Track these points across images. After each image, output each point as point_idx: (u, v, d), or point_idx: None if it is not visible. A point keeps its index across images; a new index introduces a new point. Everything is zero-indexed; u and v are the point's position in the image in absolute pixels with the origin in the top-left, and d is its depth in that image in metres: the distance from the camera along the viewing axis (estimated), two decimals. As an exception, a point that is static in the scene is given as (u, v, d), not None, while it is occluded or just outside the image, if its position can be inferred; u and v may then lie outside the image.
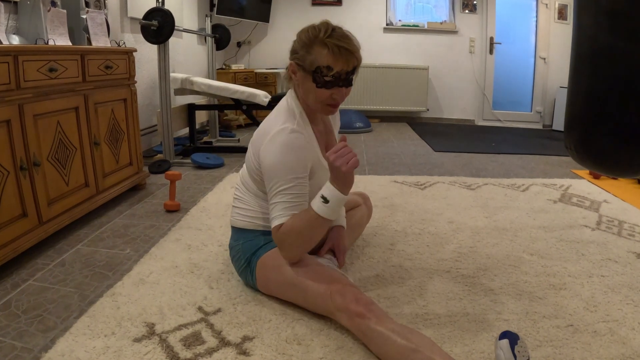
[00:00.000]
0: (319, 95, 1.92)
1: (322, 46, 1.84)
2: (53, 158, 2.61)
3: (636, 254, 2.65)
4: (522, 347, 1.40)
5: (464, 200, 3.63)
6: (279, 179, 1.85)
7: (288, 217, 1.85)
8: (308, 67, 1.88)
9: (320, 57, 1.85)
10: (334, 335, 1.84)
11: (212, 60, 5.94)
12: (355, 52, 1.88)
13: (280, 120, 1.94)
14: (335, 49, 1.82)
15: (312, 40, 1.87)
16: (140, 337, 1.78)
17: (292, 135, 1.88)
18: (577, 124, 1.96)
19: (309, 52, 1.87)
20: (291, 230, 1.84)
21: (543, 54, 7.84)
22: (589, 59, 1.88)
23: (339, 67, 1.85)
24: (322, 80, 1.87)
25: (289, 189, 1.85)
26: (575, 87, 1.97)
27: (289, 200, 1.86)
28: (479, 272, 2.42)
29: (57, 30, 2.94)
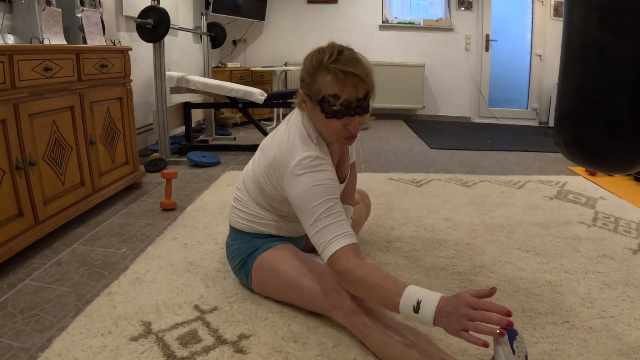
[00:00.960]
0: (330, 126, 1.79)
1: (327, 72, 1.72)
2: (49, 157, 2.61)
3: (632, 251, 2.66)
4: (521, 342, 1.40)
5: (459, 197, 3.64)
6: (315, 206, 1.72)
7: (342, 239, 1.69)
8: (315, 97, 1.77)
9: (326, 85, 1.72)
10: (331, 332, 1.85)
11: (207, 59, 5.94)
12: (364, 77, 1.72)
13: (298, 147, 1.81)
14: (341, 75, 1.69)
15: (317, 66, 1.74)
16: (136, 336, 1.78)
17: (316, 162, 1.78)
18: (567, 120, 1.97)
19: (314, 80, 1.76)
20: (360, 282, 1.64)
21: (539, 51, 7.85)
22: (579, 54, 1.88)
23: (346, 94, 1.71)
24: (331, 110, 1.74)
25: (328, 210, 1.72)
26: (565, 83, 1.98)
27: (335, 221, 1.72)
28: (474, 269, 2.43)
29: (52, 30, 2.94)
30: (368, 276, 1.62)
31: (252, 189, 2.06)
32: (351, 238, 1.71)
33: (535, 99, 8.04)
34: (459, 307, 1.41)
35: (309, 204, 1.73)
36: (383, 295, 1.58)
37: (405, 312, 1.51)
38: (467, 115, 8.27)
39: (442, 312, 1.44)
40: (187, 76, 4.91)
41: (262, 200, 2.03)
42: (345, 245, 1.68)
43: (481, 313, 1.38)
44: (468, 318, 1.38)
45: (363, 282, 1.62)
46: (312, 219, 1.72)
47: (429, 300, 1.48)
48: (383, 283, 1.59)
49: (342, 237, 1.69)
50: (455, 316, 1.40)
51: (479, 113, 8.22)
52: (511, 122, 8.05)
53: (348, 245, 1.68)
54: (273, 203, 2.01)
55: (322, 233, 1.71)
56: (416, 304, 1.48)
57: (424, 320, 1.47)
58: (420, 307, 1.48)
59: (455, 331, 1.40)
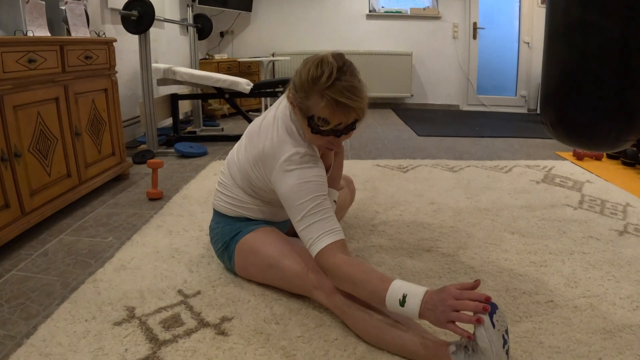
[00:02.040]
0: (314, 139, 1.81)
1: (320, 97, 1.67)
2: (34, 149, 2.61)
3: (618, 232, 2.69)
4: (501, 316, 1.42)
5: (446, 182, 3.66)
6: (303, 203, 1.73)
7: (330, 236, 1.71)
8: (304, 112, 1.75)
9: (317, 108, 1.70)
10: (312, 314, 1.87)
11: (194, 50, 5.93)
12: (357, 108, 1.70)
13: (287, 142, 1.82)
14: (334, 104, 1.66)
15: (311, 85, 1.69)
16: (120, 320, 1.80)
17: (305, 158, 1.79)
18: (552, 99, 1.99)
19: (306, 97, 1.72)
20: (347, 277, 1.66)
21: (527, 38, 7.86)
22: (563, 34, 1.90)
23: (336, 121, 1.71)
24: (318, 129, 1.74)
25: (317, 207, 1.74)
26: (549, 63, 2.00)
27: (322, 217, 1.73)
28: (459, 251, 2.45)
29: (36, 22, 2.94)
30: (355, 272, 1.64)
31: (237, 175, 2.06)
32: (338, 234, 1.73)
33: (524, 86, 8.05)
34: (444, 300, 1.45)
35: (297, 201, 1.75)
36: (369, 290, 1.60)
37: (392, 305, 1.54)
38: (456, 103, 8.28)
39: (428, 306, 1.48)
40: (174, 68, 4.91)
41: (248, 187, 2.04)
42: (332, 242, 1.70)
43: (462, 302, 1.43)
44: (452, 309, 1.42)
45: (350, 277, 1.65)
46: (300, 215, 1.74)
47: (414, 294, 1.51)
48: (369, 278, 1.62)
49: (329, 234, 1.71)
50: (440, 309, 1.44)
51: (468, 101, 8.23)
52: (500, 110, 8.06)
53: (335, 242, 1.71)
54: (259, 191, 2.02)
55: (310, 229, 1.73)
56: (402, 297, 1.52)
57: (410, 313, 1.51)
58: (406, 301, 1.51)
59: (442, 323, 1.44)
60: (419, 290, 1.52)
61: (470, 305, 1.41)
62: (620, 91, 1.78)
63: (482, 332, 1.39)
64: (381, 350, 1.65)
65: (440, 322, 1.44)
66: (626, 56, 1.74)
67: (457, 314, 1.41)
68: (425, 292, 1.51)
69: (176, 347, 1.66)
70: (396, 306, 1.53)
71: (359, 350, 1.65)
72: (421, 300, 1.49)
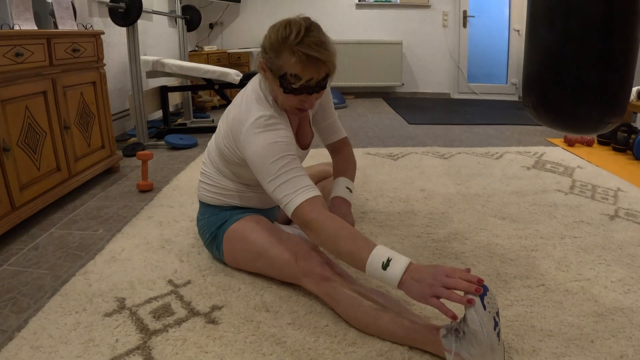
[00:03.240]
0: (286, 99, 1.79)
1: (291, 53, 1.68)
2: (23, 143, 2.60)
3: (609, 216, 2.70)
4: (492, 298, 1.42)
5: (436, 169, 3.66)
6: (273, 162, 1.71)
7: (307, 191, 1.69)
8: (276, 72, 1.74)
9: (288, 65, 1.70)
10: (303, 301, 1.87)
11: (183, 42, 5.91)
12: (327, 61, 1.71)
13: (254, 107, 1.82)
14: (304, 58, 1.67)
15: (281, 44, 1.70)
16: (111, 311, 1.81)
17: (271, 120, 1.78)
18: (534, 83, 2.00)
19: (277, 57, 1.72)
20: (330, 234, 1.62)
21: (517, 26, 7.85)
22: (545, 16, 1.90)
23: (307, 76, 1.71)
24: (290, 88, 1.74)
25: (287, 165, 1.71)
26: (531, 46, 2.00)
27: (296, 175, 1.71)
28: (449, 237, 2.46)
29: (22, 16, 2.92)
30: (338, 229, 1.61)
31: (214, 158, 2.07)
32: (316, 191, 1.71)
33: (514, 74, 8.04)
34: (436, 274, 1.43)
35: (266, 161, 1.72)
36: (352, 250, 1.57)
37: (373, 267, 1.51)
38: (446, 91, 8.27)
39: (413, 275, 1.45)
40: (163, 60, 4.89)
41: (225, 168, 2.04)
42: (312, 196, 1.68)
43: (454, 280, 1.41)
44: (442, 284, 1.40)
45: (333, 232, 1.61)
46: (272, 175, 1.71)
47: (399, 260, 1.49)
48: (354, 237, 1.60)
49: (307, 190, 1.69)
50: (429, 281, 1.42)
51: (458, 89, 8.23)
52: (490, 97, 8.06)
53: (315, 197, 1.69)
54: (234, 169, 2.01)
55: (284, 187, 1.70)
56: (386, 260, 1.50)
57: (390, 278, 1.48)
58: (390, 265, 1.48)
59: (426, 297, 1.41)
60: (404, 259, 1.50)
61: (462, 284, 1.40)
62: (601, 73, 1.79)
63: (473, 314, 1.39)
64: (372, 336, 1.66)
65: (424, 295, 1.41)
66: (607, 37, 1.75)
67: (446, 291, 1.39)
68: (410, 262, 1.50)
69: (166, 336, 1.66)
70: (377, 269, 1.50)
71: (350, 337, 1.66)
72: (405, 268, 1.48)
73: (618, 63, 1.78)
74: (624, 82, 1.84)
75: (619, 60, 1.77)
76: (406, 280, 1.46)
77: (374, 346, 1.61)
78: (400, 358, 1.55)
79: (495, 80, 8.20)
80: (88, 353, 1.57)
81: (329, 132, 2.27)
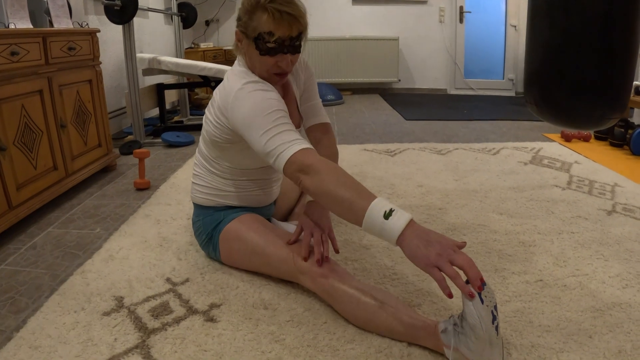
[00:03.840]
0: (263, 63, 1.80)
1: (263, 11, 1.72)
2: (19, 142, 2.59)
3: (607, 212, 2.70)
4: (489, 292, 1.42)
5: (433, 164, 3.67)
6: (265, 116, 1.68)
7: (300, 143, 1.64)
8: (251, 34, 1.78)
9: (262, 23, 1.73)
10: (301, 298, 1.87)
11: (179, 40, 5.90)
12: (299, 17, 1.75)
13: (238, 78, 1.82)
14: (277, 14, 1.71)
15: (254, 5, 1.75)
16: (109, 310, 1.80)
17: (259, 85, 1.79)
18: (536, 79, 2.00)
19: (251, 19, 1.76)
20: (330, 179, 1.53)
21: (514, 21, 7.85)
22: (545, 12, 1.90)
23: (280, 32, 1.73)
24: (265, 47, 1.76)
25: (280, 119, 1.69)
26: (532, 42, 2.00)
27: (290, 129, 1.68)
28: (447, 232, 2.46)
29: (17, 14, 2.91)
30: (340, 175, 1.55)
31: (205, 155, 2.06)
32: (310, 145, 1.67)
33: (511, 70, 8.05)
34: (445, 245, 1.36)
35: (257, 117, 1.68)
36: (351, 197, 1.48)
37: (372, 217, 1.42)
38: (443, 87, 8.27)
39: (420, 235, 1.38)
40: (159, 57, 4.88)
41: (215, 162, 2.03)
42: (308, 147, 1.64)
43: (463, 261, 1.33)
44: (450, 259, 1.33)
45: (332, 179, 1.53)
46: (264, 127, 1.66)
47: (401, 214, 1.41)
48: (355, 185, 1.52)
49: (301, 141, 1.65)
50: (437, 248, 1.35)
51: (455, 85, 8.23)
52: (487, 93, 8.07)
53: (310, 148, 1.64)
54: (226, 155, 1.99)
55: (278, 137, 1.65)
56: (388, 210, 1.41)
57: (391, 229, 1.39)
58: (392, 215, 1.40)
59: (429, 263, 1.34)
60: (406, 214, 1.42)
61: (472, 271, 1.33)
62: (602, 69, 1.79)
63: (471, 308, 1.38)
64: (370, 332, 1.66)
65: (429, 261, 1.34)
66: (608, 33, 1.75)
67: (453, 270, 1.32)
68: (412, 218, 1.42)
69: (165, 335, 1.66)
70: (377, 218, 1.41)
71: (348, 333, 1.66)
72: (408, 222, 1.39)
73: (619, 59, 1.78)
74: (625, 78, 1.84)
75: (620, 56, 1.77)
76: (408, 236, 1.38)
77: (373, 343, 1.61)
78: (399, 354, 1.55)
79: (492, 76, 8.20)
80: (87, 352, 1.57)
81: (311, 114, 2.22)
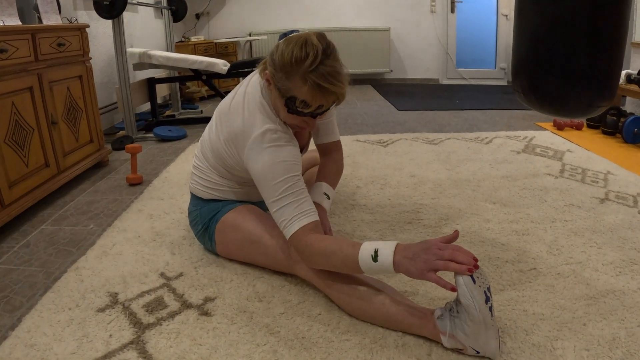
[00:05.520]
0: (288, 118, 1.77)
1: (304, 81, 1.62)
2: (10, 140, 2.57)
3: (599, 199, 2.72)
4: (482, 274, 1.43)
5: (426, 154, 3.67)
6: (277, 184, 1.71)
7: (304, 218, 1.70)
8: (283, 92, 1.69)
9: (298, 91, 1.65)
10: (295, 290, 1.88)
11: (170, 33, 5.87)
12: (339, 93, 1.68)
13: (259, 118, 1.78)
14: (316, 88, 1.62)
15: (294, 67, 1.63)
16: (103, 307, 1.80)
17: (278, 135, 1.76)
18: (524, 67, 1.99)
19: (287, 78, 1.66)
20: (319, 252, 1.66)
21: (505, 11, 7.85)
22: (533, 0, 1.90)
23: (316, 104, 1.67)
24: (295, 110, 1.70)
25: (290, 188, 1.72)
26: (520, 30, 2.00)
27: (296, 199, 1.72)
28: (440, 222, 2.47)
29: (6, 11, 2.89)
30: (326, 244, 1.65)
31: (210, 158, 2.04)
32: (312, 216, 1.72)
33: (503, 59, 8.07)
34: (428, 249, 1.45)
35: (270, 181, 1.72)
36: (342, 258, 1.60)
37: (366, 264, 1.53)
38: (435, 77, 8.27)
39: (406, 254, 1.47)
40: (149, 51, 4.86)
41: (223, 169, 2.02)
42: (305, 224, 1.69)
43: (449, 252, 1.43)
44: (438, 257, 1.42)
45: (322, 250, 1.64)
46: (274, 196, 1.72)
47: (385, 247, 1.52)
48: (340, 247, 1.62)
49: (303, 216, 1.70)
50: (423, 257, 1.43)
51: (447, 74, 8.23)
52: (479, 82, 8.07)
53: (309, 224, 1.70)
54: (233, 171, 2.00)
55: (283, 211, 1.71)
56: (374, 252, 1.52)
57: (384, 266, 1.50)
58: (378, 255, 1.51)
59: (423, 272, 1.42)
60: (390, 244, 1.53)
61: (460, 256, 1.42)
62: (591, 57, 1.79)
63: (464, 288, 1.40)
64: (365, 322, 1.66)
65: (421, 271, 1.42)
66: (596, 21, 1.74)
67: (442, 263, 1.41)
68: (397, 244, 1.52)
69: (160, 330, 1.66)
70: (370, 263, 1.53)
71: (343, 324, 1.67)
72: (393, 251, 1.50)
73: (607, 47, 1.77)
74: (614, 66, 1.84)
75: (608, 43, 1.77)
76: (399, 261, 1.48)
77: (368, 333, 1.62)
78: (394, 344, 1.56)
79: (483, 65, 8.21)
80: (82, 349, 1.57)
81: (324, 132, 2.24)
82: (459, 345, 1.47)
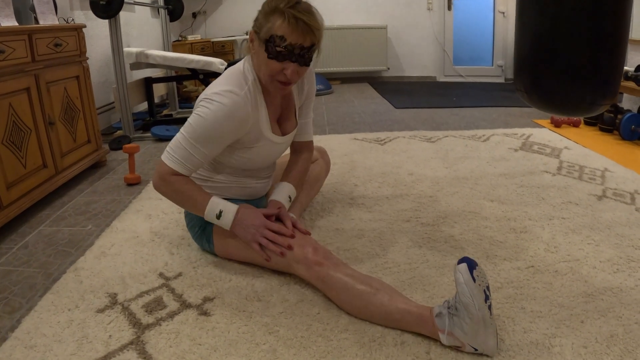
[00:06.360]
0: (269, 66, 1.80)
1: (280, 15, 1.73)
2: (8, 141, 2.57)
3: (597, 197, 2.72)
4: (481, 272, 1.44)
5: (423, 152, 3.67)
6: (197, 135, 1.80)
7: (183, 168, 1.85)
8: (263, 36, 1.77)
9: (276, 26, 1.74)
10: (294, 289, 1.88)
11: (166, 33, 5.86)
12: (314, 28, 1.77)
13: (229, 81, 1.85)
14: (292, 20, 1.72)
15: (273, 8, 1.76)
16: (103, 307, 1.80)
17: (237, 99, 1.80)
18: (526, 65, 2.00)
19: (266, 20, 1.77)
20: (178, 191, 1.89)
21: (502, 8, 7.84)
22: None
23: (293, 39, 1.74)
24: (274, 51, 1.76)
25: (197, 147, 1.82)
26: (522, 29, 2.00)
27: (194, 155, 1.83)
28: (438, 220, 2.47)
29: (2, 12, 2.89)
30: (186, 190, 1.90)
31: None
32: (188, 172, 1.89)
33: (500, 56, 8.05)
34: (259, 226, 1.88)
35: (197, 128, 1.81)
36: (193, 204, 1.92)
37: (210, 218, 1.91)
38: (432, 74, 8.27)
39: (242, 223, 1.90)
40: (146, 51, 4.85)
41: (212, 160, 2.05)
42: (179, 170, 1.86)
43: (271, 236, 1.85)
44: (262, 235, 1.86)
45: (181, 191, 1.90)
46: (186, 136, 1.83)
47: (228, 212, 1.90)
48: (196, 195, 1.91)
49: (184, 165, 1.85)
50: (251, 231, 1.88)
51: (444, 72, 8.22)
52: (477, 80, 8.06)
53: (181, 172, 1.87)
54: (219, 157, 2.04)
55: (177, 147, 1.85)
56: (219, 212, 1.90)
57: (224, 225, 1.91)
58: (222, 217, 1.90)
59: (249, 242, 1.89)
60: (233, 208, 1.91)
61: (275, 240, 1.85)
62: (593, 55, 1.79)
63: (464, 286, 1.42)
64: (364, 321, 1.67)
65: (248, 241, 1.89)
66: (598, 19, 1.75)
67: (265, 241, 1.85)
68: (237, 210, 1.91)
69: (159, 330, 1.67)
70: (213, 219, 1.91)
71: (342, 323, 1.67)
72: (234, 216, 1.90)
73: (609, 44, 1.78)
74: (616, 64, 1.84)
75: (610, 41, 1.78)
76: (234, 227, 1.91)
77: (367, 332, 1.62)
78: (393, 343, 1.56)
79: (481, 63, 8.20)
80: (82, 350, 1.57)
81: (300, 130, 2.26)
82: (458, 343, 1.48)
